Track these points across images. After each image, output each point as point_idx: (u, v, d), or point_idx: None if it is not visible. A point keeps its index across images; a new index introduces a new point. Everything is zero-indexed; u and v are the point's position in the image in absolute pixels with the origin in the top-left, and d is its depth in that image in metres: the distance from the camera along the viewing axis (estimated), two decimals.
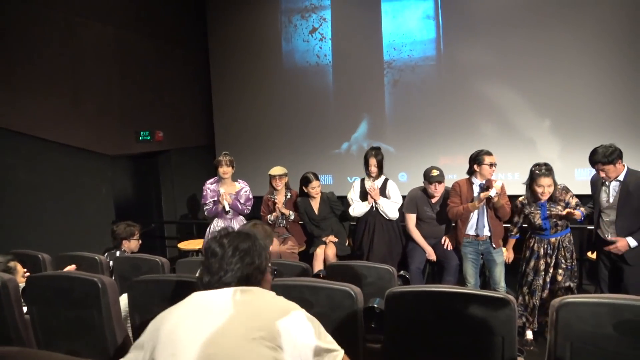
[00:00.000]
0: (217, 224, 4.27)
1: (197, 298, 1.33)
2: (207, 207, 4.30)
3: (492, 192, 3.42)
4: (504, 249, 3.72)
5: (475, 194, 3.56)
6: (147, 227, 4.15)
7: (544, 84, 5.32)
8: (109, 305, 2.01)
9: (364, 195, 4.09)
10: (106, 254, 3.63)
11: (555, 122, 5.35)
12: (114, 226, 3.77)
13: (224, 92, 6.67)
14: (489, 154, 3.57)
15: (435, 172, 3.81)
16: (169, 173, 6.28)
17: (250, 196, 4.33)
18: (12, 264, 2.60)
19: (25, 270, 2.78)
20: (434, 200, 3.94)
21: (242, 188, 4.33)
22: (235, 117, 6.62)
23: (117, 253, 3.58)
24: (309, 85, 6.23)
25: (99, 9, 5.11)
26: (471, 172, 3.63)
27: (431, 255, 3.93)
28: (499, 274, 3.63)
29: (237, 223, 4.21)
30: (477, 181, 3.60)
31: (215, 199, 4.24)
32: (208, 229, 4.36)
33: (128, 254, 3.57)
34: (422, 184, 3.95)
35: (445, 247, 3.91)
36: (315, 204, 4.33)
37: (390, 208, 4.02)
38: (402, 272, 2.73)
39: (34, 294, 2.17)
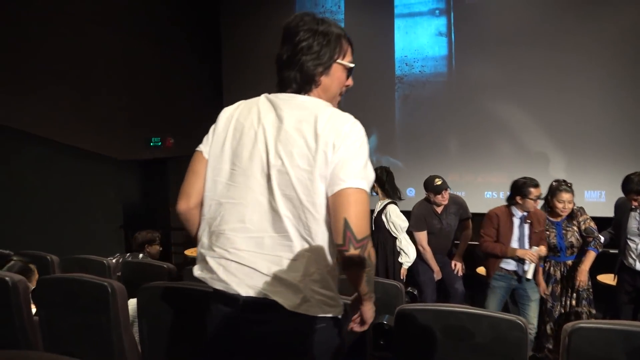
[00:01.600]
0: None
1: None
2: None
3: (530, 274, 3.16)
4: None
5: (516, 227, 3.22)
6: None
7: (554, 103, 5.32)
8: (118, 310, 2.01)
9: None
10: (119, 258, 3.67)
11: (565, 142, 5.33)
12: (137, 233, 3.90)
13: (236, 99, 6.68)
14: (536, 185, 3.17)
15: (439, 181, 3.69)
16: (177, 179, 6.30)
17: None
18: (31, 266, 2.62)
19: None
20: (439, 210, 3.84)
21: None
22: None
23: (140, 256, 3.75)
24: None
25: (111, 15, 5.19)
26: (512, 201, 3.24)
27: (438, 274, 3.85)
28: (533, 312, 3.26)
29: None
30: (517, 213, 3.23)
31: None
32: None
33: (140, 260, 3.59)
34: (425, 196, 3.87)
35: (455, 272, 3.84)
36: None
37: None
38: (409, 289, 2.72)
39: (43, 296, 2.18)
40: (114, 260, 3.53)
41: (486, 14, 5.56)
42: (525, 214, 3.21)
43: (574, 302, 3.28)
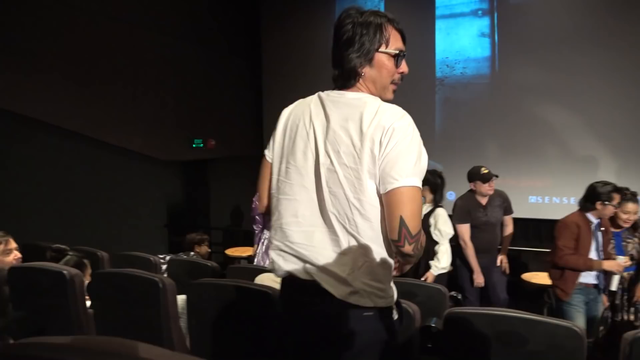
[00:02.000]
0: (268, 235, 4.25)
1: None
2: (256, 220, 4.31)
3: (615, 285, 2.97)
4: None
5: (595, 236, 2.97)
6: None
7: (603, 106, 5.11)
8: (168, 304, 2.07)
9: None
10: (167, 257, 3.81)
11: (615, 145, 5.11)
12: (187, 234, 4.24)
13: (276, 103, 6.79)
14: (619, 191, 2.98)
15: (485, 170, 3.53)
16: (217, 180, 6.44)
17: None
18: (85, 260, 2.74)
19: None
20: (484, 202, 3.64)
21: None
22: None
23: (192, 253, 4.02)
24: None
25: (159, 20, 5.38)
26: (589, 207, 2.96)
27: (478, 276, 3.65)
28: (591, 322, 3.05)
29: None
30: (593, 220, 2.96)
31: None
32: (259, 240, 4.35)
33: (187, 258, 3.71)
34: (470, 189, 3.69)
35: (503, 270, 3.70)
36: None
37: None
38: (453, 293, 2.67)
39: (98, 289, 2.27)
40: (168, 258, 3.66)
41: (531, 14, 5.41)
42: (599, 220, 2.99)
43: (631, 317, 3.12)
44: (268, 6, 6.91)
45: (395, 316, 1.30)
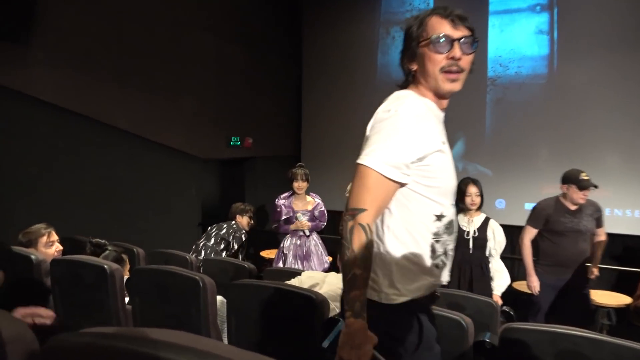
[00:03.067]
0: (291, 241, 4.25)
1: None
2: (278, 224, 4.29)
3: None
4: None
5: None
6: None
7: None
8: (207, 304, 2.10)
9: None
10: (195, 254, 3.88)
11: None
12: (233, 203, 4.57)
13: (314, 103, 6.84)
14: None
15: (585, 176, 3.30)
16: (253, 180, 6.54)
17: (325, 211, 4.35)
18: (124, 256, 2.83)
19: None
20: (572, 208, 3.41)
21: (318, 203, 4.34)
22: (324, 129, 6.75)
23: (232, 223, 4.38)
24: None
25: (201, 18, 5.51)
26: None
27: (532, 281, 3.49)
28: None
29: (314, 240, 4.24)
30: None
31: (289, 216, 4.23)
32: (282, 245, 4.32)
33: (222, 259, 3.77)
34: (560, 194, 3.49)
35: (593, 277, 3.45)
36: None
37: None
38: (505, 308, 2.59)
39: (137, 285, 2.34)
40: (202, 256, 3.76)
41: (595, 10, 5.20)
42: None
43: None
44: (311, 5, 6.97)
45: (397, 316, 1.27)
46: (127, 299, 2.47)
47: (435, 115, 1.38)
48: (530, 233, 3.55)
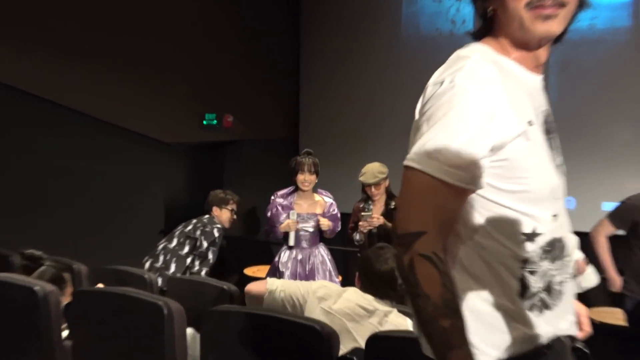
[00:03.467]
0: (290, 255, 4.24)
1: None
2: (272, 230, 4.28)
3: None
4: None
5: None
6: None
7: None
8: (174, 339, 2.08)
9: None
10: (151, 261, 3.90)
11: None
12: (211, 191, 4.58)
13: (316, 72, 6.86)
14: None
15: None
16: (236, 170, 6.50)
17: (339, 214, 4.34)
18: (65, 274, 2.82)
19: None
20: None
21: (331, 204, 4.32)
22: (331, 104, 6.73)
23: (206, 217, 4.36)
24: (436, 62, 6.11)
25: None
26: None
27: (615, 283, 3.59)
28: None
29: (321, 255, 4.24)
30: None
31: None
32: (277, 260, 4.30)
33: (190, 278, 3.75)
34: None
35: None
36: None
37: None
38: (579, 344, 2.57)
39: (79, 313, 2.32)
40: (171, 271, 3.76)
41: None
42: None
43: None
44: None
45: None
46: (65, 332, 2.45)
47: (520, 82, 1.27)
48: (606, 229, 3.61)
